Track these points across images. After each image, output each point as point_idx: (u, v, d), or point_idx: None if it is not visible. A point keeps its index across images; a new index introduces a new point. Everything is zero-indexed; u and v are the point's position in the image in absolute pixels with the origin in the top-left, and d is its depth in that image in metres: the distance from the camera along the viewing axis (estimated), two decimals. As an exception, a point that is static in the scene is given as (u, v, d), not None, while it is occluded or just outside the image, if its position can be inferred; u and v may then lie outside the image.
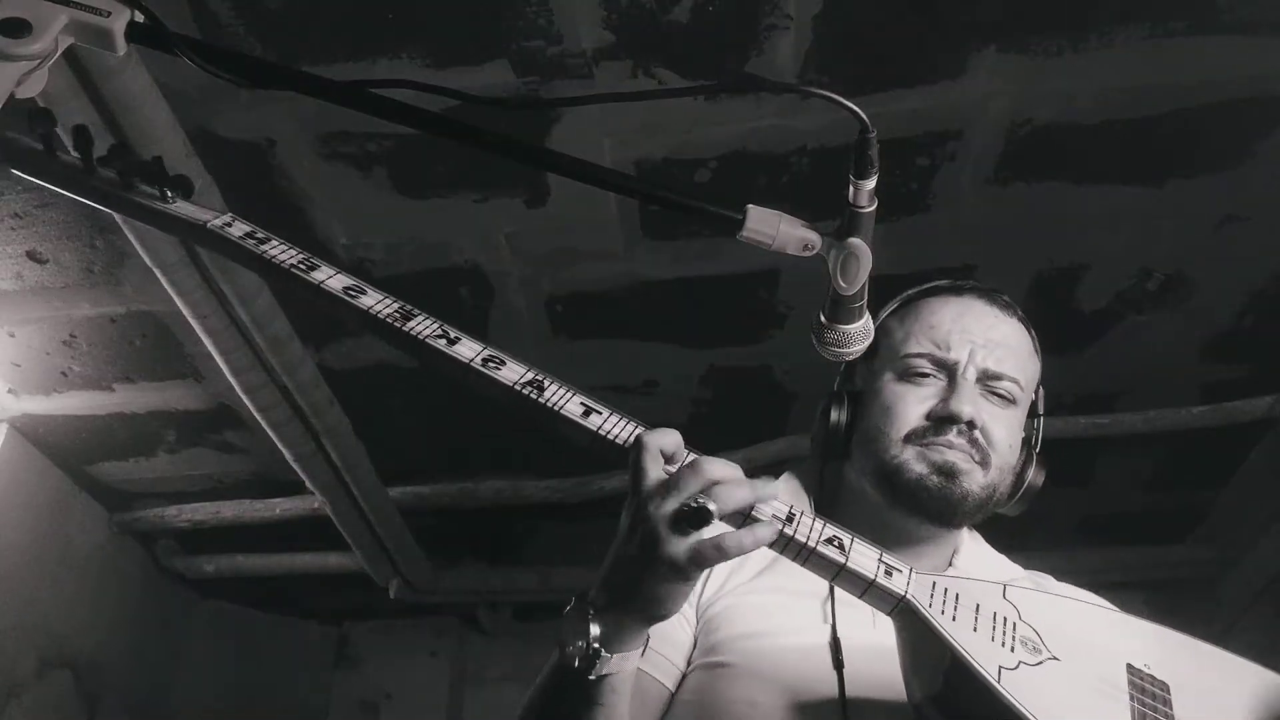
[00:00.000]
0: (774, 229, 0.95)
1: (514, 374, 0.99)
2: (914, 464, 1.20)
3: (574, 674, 0.96)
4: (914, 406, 1.22)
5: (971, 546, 1.34)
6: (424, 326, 1.01)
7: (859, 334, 1.02)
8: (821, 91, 0.91)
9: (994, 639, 0.97)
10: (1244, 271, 2.52)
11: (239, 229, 1.05)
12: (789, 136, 2.16)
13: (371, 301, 1.02)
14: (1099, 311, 2.64)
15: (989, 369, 1.23)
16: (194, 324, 2.36)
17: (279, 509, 3.34)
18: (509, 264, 2.51)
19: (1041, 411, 1.31)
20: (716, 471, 0.92)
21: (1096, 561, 3.38)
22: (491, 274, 2.54)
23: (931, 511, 1.20)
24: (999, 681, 0.92)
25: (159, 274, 2.19)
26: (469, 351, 1.00)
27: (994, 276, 2.38)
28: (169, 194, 1.05)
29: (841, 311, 1.00)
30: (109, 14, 0.96)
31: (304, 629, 4.40)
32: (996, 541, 1.37)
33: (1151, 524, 3.51)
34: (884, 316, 1.33)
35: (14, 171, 1.04)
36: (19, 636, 3.17)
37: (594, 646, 0.94)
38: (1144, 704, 0.98)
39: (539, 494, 3.24)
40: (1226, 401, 2.81)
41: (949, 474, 1.19)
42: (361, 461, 2.97)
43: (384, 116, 1.00)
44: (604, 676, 0.96)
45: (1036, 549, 1.48)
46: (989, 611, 1.00)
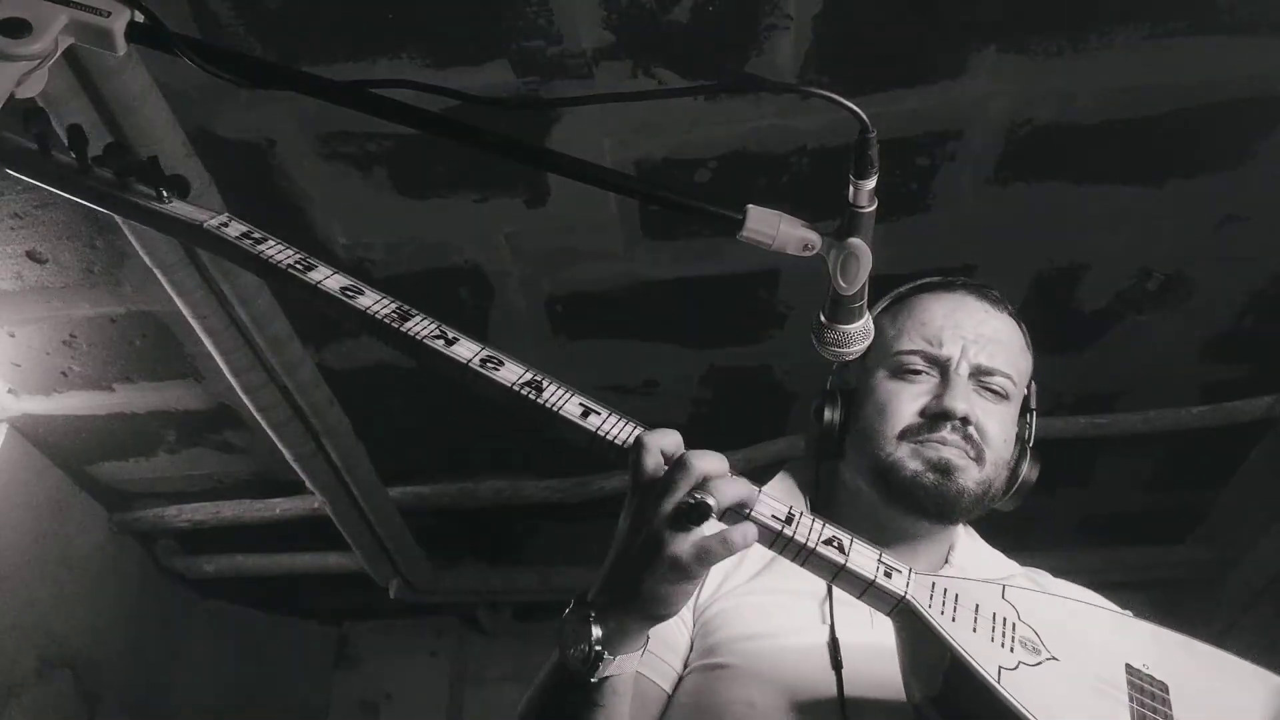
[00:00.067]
0: (774, 229, 0.95)
1: (512, 374, 0.98)
2: (909, 461, 1.19)
3: (575, 677, 0.95)
4: (908, 403, 1.22)
5: (967, 542, 1.34)
6: (422, 327, 1.00)
7: (859, 334, 1.02)
8: (821, 91, 0.91)
9: (993, 639, 0.97)
10: (1244, 271, 2.52)
11: (235, 229, 1.04)
12: (789, 136, 2.16)
13: (369, 302, 1.01)
14: (1099, 311, 2.64)
15: (981, 364, 1.23)
16: (194, 324, 2.37)
17: (279, 509, 3.34)
18: (509, 264, 2.51)
19: (1035, 406, 1.30)
20: (708, 466, 0.91)
21: (1096, 561, 3.38)
22: (491, 274, 2.54)
23: (927, 508, 1.19)
24: (999, 682, 0.92)
25: (159, 274, 2.19)
26: (467, 352, 0.99)
27: (994, 276, 2.38)
28: (165, 194, 1.04)
29: (841, 311, 1.00)
30: (109, 14, 0.96)
31: (304, 629, 4.40)
32: (997, 542, 1.37)
33: (1151, 524, 3.51)
34: (875, 314, 1.32)
35: (9, 172, 1.03)
36: (19, 636, 3.17)
37: (596, 649, 0.93)
38: (1143, 704, 0.98)
39: (539, 494, 3.24)
40: (1226, 401, 2.81)
41: (944, 470, 1.18)
42: (361, 461, 2.97)
43: (384, 116, 1.00)
44: (605, 678, 0.95)
45: (1036, 549, 1.48)
46: (988, 612, 1.00)
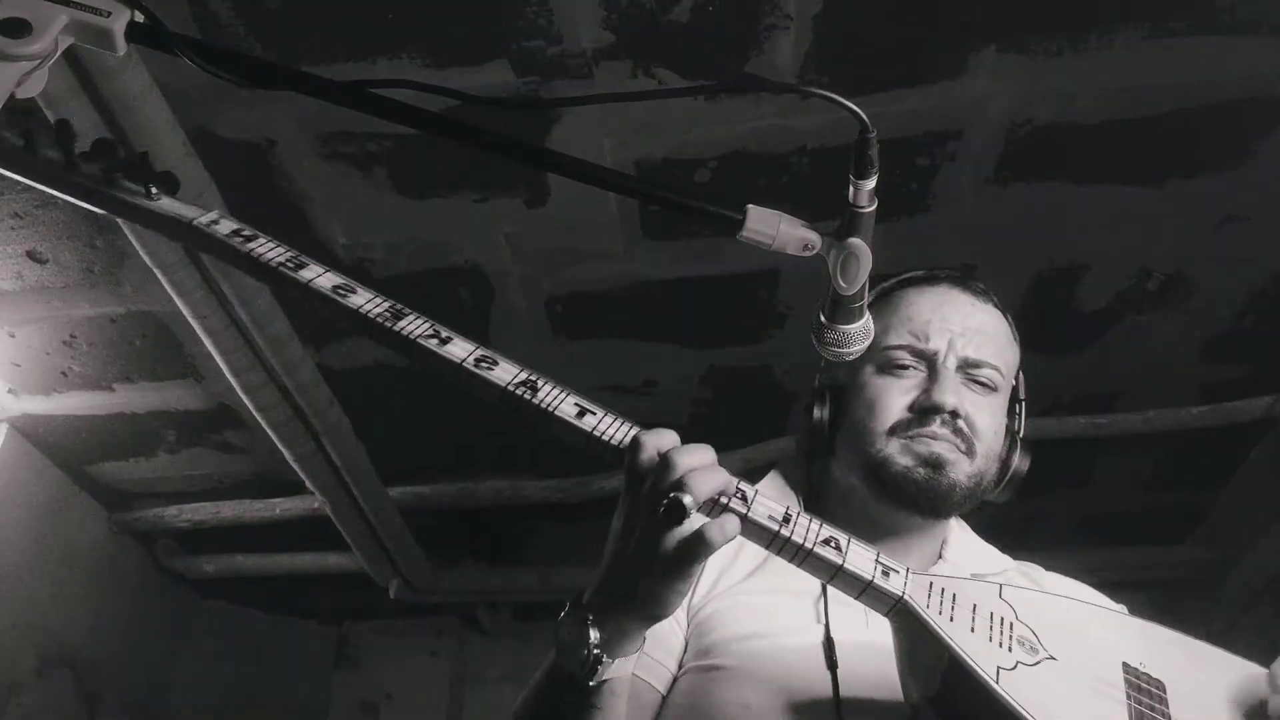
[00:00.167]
0: (774, 229, 0.95)
1: (507, 374, 0.97)
2: (900, 457, 1.19)
3: (573, 679, 0.95)
4: (897, 399, 1.22)
5: (960, 536, 1.34)
6: (415, 326, 0.99)
7: (859, 334, 1.02)
8: (821, 91, 0.91)
9: (991, 639, 0.97)
10: (1244, 271, 2.52)
11: (225, 226, 1.02)
12: (789, 136, 2.16)
13: (361, 301, 0.99)
14: (1099, 311, 2.64)
15: (969, 357, 1.22)
16: (194, 324, 2.37)
17: (279, 509, 3.34)
18: (509, 264, 2.51)
19: (1024, 397, 1.30)
20: (691, 461, 0.90)
21: (1096, 561, 3.37)
22: (491, 274, 2.54)
23: (920, 503, 1.19)
24: (997, 682, 0.92)
25: (159, 274, 2.19)
26: (461, 351, 0.98)
27: (994, 276, 2.35)
28: (153, 190, 1.02)
29: (841, 311, 1.00)
30: (109, 14, 0.96)
31: (304, 629, 4.40)
32: (997, 542, 1.37)
33: (1151, 524, 3.51)
34: None
35: None
36: (19, 636, 3.17)
37: (595, 652, 0.92)
38: (1141, 703, 0.98)
39: (539, 494, 3.24)
40: (1226, 401, 2.81)
41: (935, 465, 1.18)
42: (361, 461, 2.97)
43: (384, 116, 0.99)
44: (603, 681, 0.95)
45: (1036, 549, 1.48)
46: (986, 611, 1.00)
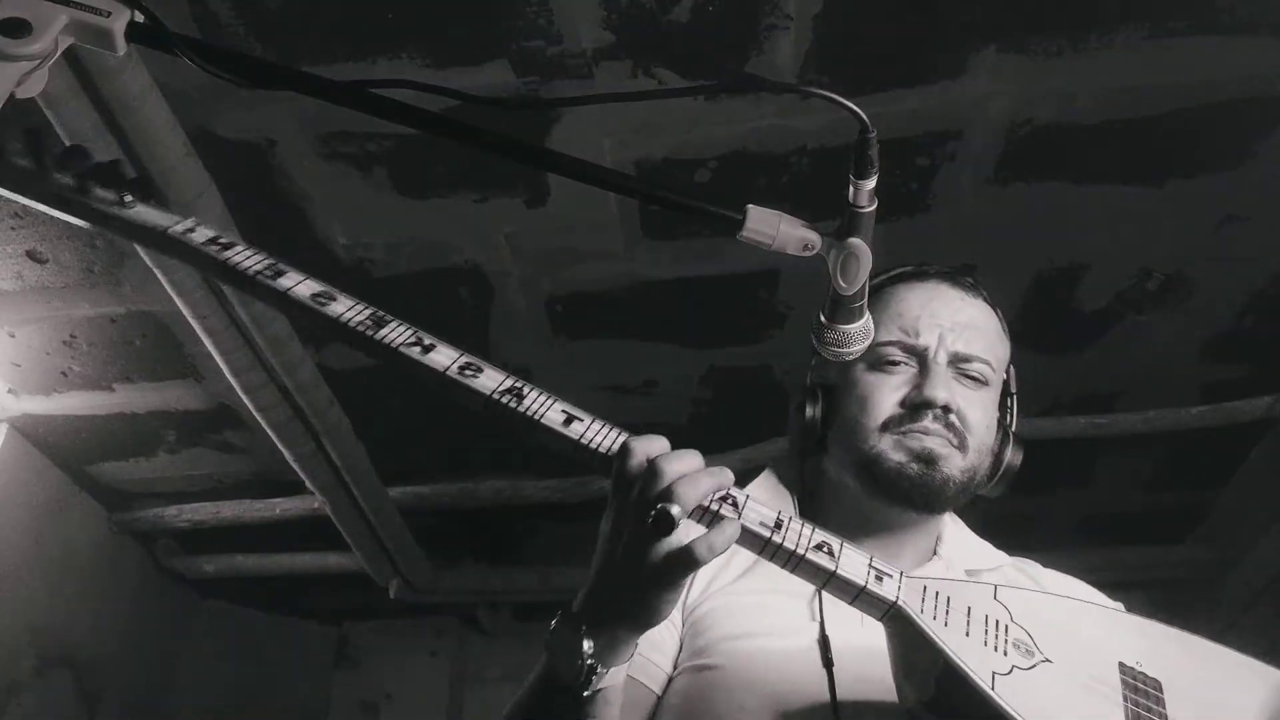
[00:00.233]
0: (774, 229, 0.95)
1: (492, 382, 0.95)
2: (892, 453, 1.19)
3: (567, 689, 0.93)
4: (888, 395, 1.21)
5: (954, 531, 1.33)
6: (397, 334, 0.97)
7: (859, 334, 1.02)
8: (821, 91, 0.91)
9: (986, 643, 0.96)
10: (1244, 271, 2.52)
11: (201, 234, 1.00)
12: (789, 136, 2.16)
13: (341, 309, 0.98)
14: (1099, 311, 2.63)
15: (959, 351, 1.22)
16: (194, 324, 2.36)
17: (279, 509, 3.34)
18: (509, 264, 2.51)
19: (1015, 390, 1.30)
20: (679, 467, 0.89)
21: (1096, 561, 3.37)
22: (491, 274, 2.54)
23: (913, 499, 1.18)
24: (993, 687, 0.91)
25: (159, 274, 2.19)
26: (444, 359, 0.96)
27: (994, 276, 2.36)
28: (126, 198, 1.00)
29: (841, 311, 1.00)
30: (109, 14, 0.96)
31: (304, 629, 4.40)
32: (997, 542, 1.37)
33: (1151, 524, 3.51)
34: None
35: None
36: (18, 636, 3.17)
37: (589, 663, 0.91)
38: (1137, 704, 0.97)
39: (539, 494, 3.24)
40: (1226, 401, 2.81)
41: (928, 460, 1.18)
42: (361, 461, 2.97)
43: (384, 116, 0.99)
44: (598, 690, 0.94)
45: (1036, 549, 1.47)
46: (980, 614, 0.99)
